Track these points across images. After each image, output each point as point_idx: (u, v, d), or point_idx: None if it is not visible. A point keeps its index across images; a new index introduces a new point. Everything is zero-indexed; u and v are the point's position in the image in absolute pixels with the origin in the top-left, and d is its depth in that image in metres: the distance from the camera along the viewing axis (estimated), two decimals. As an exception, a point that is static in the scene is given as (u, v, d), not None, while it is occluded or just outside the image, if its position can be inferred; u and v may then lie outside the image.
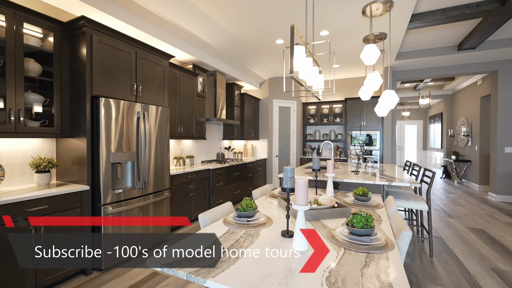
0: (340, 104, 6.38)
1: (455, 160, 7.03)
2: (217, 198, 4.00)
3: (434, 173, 2.65)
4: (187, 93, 3.76)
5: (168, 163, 2.96)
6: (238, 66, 5.10)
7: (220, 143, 5.22)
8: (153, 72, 2.88)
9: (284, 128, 6.35)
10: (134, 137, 2.51)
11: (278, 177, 2.95)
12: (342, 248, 1.24)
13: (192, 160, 4.16)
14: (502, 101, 5.04)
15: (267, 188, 2.65)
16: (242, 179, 4.83)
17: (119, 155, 2.37)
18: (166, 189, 2.93)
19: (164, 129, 2.89)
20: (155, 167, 2.78)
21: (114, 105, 2.33)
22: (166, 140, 2.94)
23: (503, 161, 5.02)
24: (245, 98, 5.53)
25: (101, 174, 2.24)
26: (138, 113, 2.54)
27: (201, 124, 4.14)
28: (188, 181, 3.45)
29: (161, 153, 2.86)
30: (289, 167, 1.39)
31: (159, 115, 2.81)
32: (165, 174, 2.92)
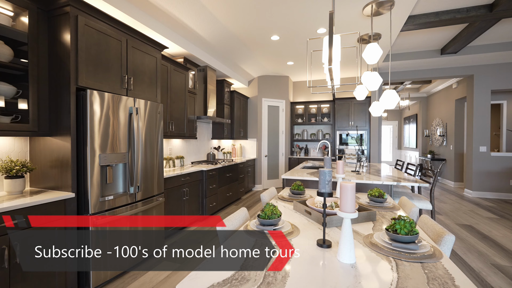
0: (327, 104, 6.42)
1: (431, 159, 7.43)
2: (210, 201, 3.76)
3: (437, 171, 2.68)
4: (179, 89, 3.48)
5: (162, 165, 2.69)
6: (229, 62, 4.88)
7: (209, 142, 4.96)
8: (145, 64, 2.58)
9: (273, 128, 6.24)
10: (126, 135, 2.22)
11: (283, 178, 2.82)
12: (391, 258, 1.12)
13: (182, 161, 3.88)
14: (477, 104, 5.38)
15: (274, 190, 2.50)
16: (233, 181, 4.62)
17: (110, 157, 2.07)
18: (160, 193, 2.65)
19: (157, 127, 2.61)
20: (149, 169, 2.49)
21: (103, 99, 2.02)
22: (160, 139, 2.66)
23: (478, 160, 5.37)
24: (235, 96, 5.33)
25: (88, 179, 1.92)
26: (130, 109, 2.25)
27: (192, 122, 3.87)
28: (181, 184, 3.18)
29: (155, 154, 2.57)
30: (326, 169, 1.25)
31: (152, 111, 2.52)
32: (159, 177, 2.64)
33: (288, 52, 4.58)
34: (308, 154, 6.68)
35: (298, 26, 3.56)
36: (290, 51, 4.51)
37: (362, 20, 3.41)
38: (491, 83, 5.27)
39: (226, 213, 4.11)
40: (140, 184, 2.34)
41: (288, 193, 2.36)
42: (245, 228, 1.47)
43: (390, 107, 3.05)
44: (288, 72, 5.97)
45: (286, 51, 4.53)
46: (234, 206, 4.57)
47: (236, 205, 4.64)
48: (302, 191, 2.27)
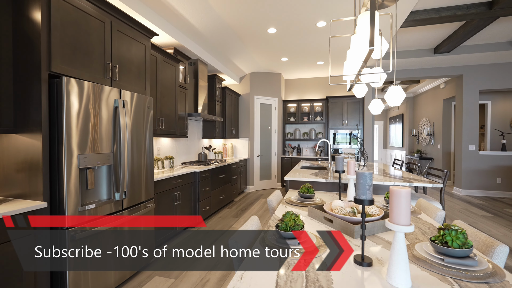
0: (320, 102, 6.30)
1: (419, 157, 7.55)
2: (203, 205, 3.47)
3: (446, 171, 2.58)
4: (169, 83, 3.16)
5: (151, 166, 2.37)
6: (221, 56, 4.60)
7: (200, 142, 4.65)
8: (132, 51, 2.26)
9: (265, 126, 6.02)
10: (110, 133, 1.89)
11: (286, 179, 2.60)
12: (450, 279, 0.92)
13: (171, 162, 3.55)
14: (466, 103, 5.47)
15: (279, 194, 2.28)
16: (226, 182, 4.35)
17: (91, 158, 1.74)
18: (149, 199, 2.34)
19: (146, 123, 2.29)
20: (137, 172, 2.17)
21: (82, 89, 1.69)
22: (149, 138, 2.34)
23: (467, 158, 5.46)
24: (227, 92, 5.05)
25: (65, 184, 1.59)
26: (115, 102, 1.93)
27: (183, 119, 3.55)
28: (173, 187, 2.87)
29: (144, 154, 2.26)
30: (366, 171, 1.04)
31: (140, 105, 2.21)
32: (149, 181, 2.33)
33: (283, 47, 4.38)
34: (300, 154, 6.53)
35: (297, 18, 3.36)
36: (286, 45, 4.30)
37: (364, 13, 3.26)
38: (479, 83, 5.37)
39: (220, 217, 3.84)
40: (127, 189, 2.02)
41: (296, 197, 2.14)
42: (261, 242, 1.23)
43: (396, 104, 2.92)
44: (281, 69, 5.77)
45: (281, 46, 4.32)
46: (228, 209, 4.30)
47: (230, 208, 4.37)
48: (312, 194, 2.06)
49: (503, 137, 5.73)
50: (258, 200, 4.87)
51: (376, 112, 3.78)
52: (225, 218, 3.80)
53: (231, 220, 3.67)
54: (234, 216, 3.89)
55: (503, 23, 3.92)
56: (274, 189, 5.92)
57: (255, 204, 4.61)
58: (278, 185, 6.16)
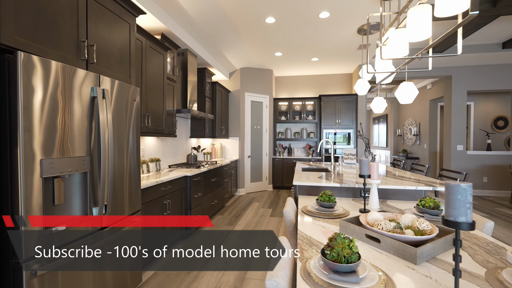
0: (312, 101, 6.10)
1: (405, 157, 7.64)
2: (195, 213, 3.07)
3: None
4: (156, 73, 2.73)
5: (138, 172, 1.95)
6: (212, 48, 4.20)
7: (187, 142, 4.22)
8: (113, 30, 1.82)
9: (256, 125, 5.69)
10: (86, 130, 1.46)
11: (295, 184, 2.29)
12: None
13: (158, 165, 3.11)
14: (455, 104, 5.54)
15: (293, 202, 1.97)
16: (218, 186, 3.97)
17: (60, 164, 1.31)
18: (136, 211, 1.92)
19: (132, 119, 1.87)
20: (121, 179, 1.75)
21: (48, 70, 1.26)
22: (135, 137, 1.92)
23: (456, 158, 5.53)
24: (217, 88, 4.66)
25: (21, 200, 1.15)
26: (93, 91, 1.50)
27: (171, 116, 3.13)
28: (162, 195, 2.45)
29: (129, 157, 1.83)
30: (464, 183, 0.75)
31: (124, 96, 1.78)
32: (135, 189, 1.90)
33: (280, 40, 4.08)
34: (291, 154, 6.29)
35: (298, 7, 3.07)
36: (283, 38, 4.01)
37: (368, 3, 3.05)
38: (467, 84, 5.46)
39: (213, 225, 3.45)
40: (108, 201, 1.60)
41: (314, 206, 1.84)
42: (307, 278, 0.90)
43: (408, 101, 2.73)
44: (273, 65, 5.48)
45: (278, 38, 4.02)
46: (220, 216, 3.91)
47: (222, 214, 3.99)
48: (334, 203, 1.77)
49: (488, 137, 5.89)
50: (251, 205, 4.54)
51: (379, 110, 3.61)
52: (219, 226, 3.42)
53: (226, 229, 3.31)
54: (228, 223, 3.53)
55: (499, 24, 3.93)
56: (265, 191, 5.62)
57: (249, 209, 4.27)
58: (269, 187, 5.87)
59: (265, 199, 4.94)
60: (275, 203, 4.67)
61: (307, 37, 3.99)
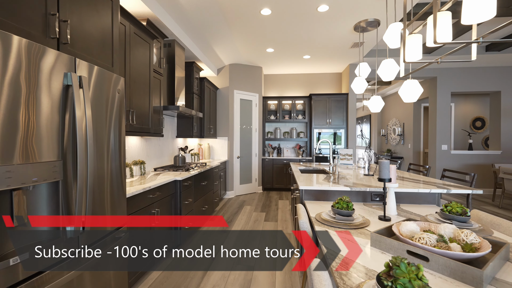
0: (302, 100, 5.96)
1: (390, 157, 7.79)
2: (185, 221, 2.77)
3: (474, 175, 2.36)
4: (141, 65, 2.39)
5: (123, 178, 1.64)
6: (201, 40, 3.89)
7: (174, 142, 3.88)
8: (93, 7, 1.50)
9: (245, 125, 5.44)
10: (57, 127, 1.14)
11: (301, 189, 2.09)
12: None
13: (142, 168, 2.77)
14: (440, 104, 5.67)
15: (304, 210, 1.76)
16: (209, 190, 3.67)
17: (21, 172, 0.98)
18: (121, 226, 1.60)
19: (116, 114, 1.55)
20: (103, 188, 1.43)
21: (8, 47, 0.93)
22: (120, 137, 1.60)
23: (440, 158, 5.66)
24: (205, 84, 4.35)
25: (-39, 225, 0.83)
26: (67, 77, 1.18)
27: (158, 113, 2.80)
28: (150, 203, 2.13)
29: (112, 160, 1.52)
30: None
31: (107, 86, 1.47)
32: (119, 200, 1.59)
33: (274, 34, 3.86)
34: (281, 154, 6.11)
35: None
36: (277, 32, 3.80)
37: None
38: (451, 86, 5.61)
39: (205, 233, 3.15)
40: (86, 214, 1.28)
41: (329, 214, 1.65)
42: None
43: (412, 99, 2.63)
44: (263, 62, 5.26)
45: (272, 32, 3.80)
46: (210, 221, 3.62)
47: (212, 220, 3.70)
48: (352, 211, 1.59)
49: (470, 137, 6.11)
50: (242, 209, 4.28)
51: (376, 110, 3.54)
52: (211, 234, 3.13)
53: (220, 238, 3.03)
54: (221, 230, 3.25)
55: (481, 27, 4.03)
56: (255, 194, 5.39)
57: (240, 214, 4.01)
58: (259, 189, 5.64)
59: (256, 202, 4.71)
60: (267, 206, 4.46)
61: (302, 33, 3.82)
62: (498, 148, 5.58)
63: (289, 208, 4.32)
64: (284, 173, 5.71)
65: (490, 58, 4.95)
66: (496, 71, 5.47)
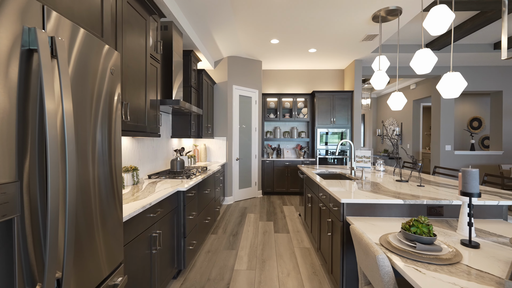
0: (303, 97, 5.59)
1: (388, 157, 7.64)
2: (190, 240, 2.27)
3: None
4: (136, 46, 1.88)
5: (120, 199, 1.14)
6: (201, 26, 3.39)
7: (169, 143, 3.35)
8: None
9: (245, 124, 4.99)
10: (14, 125, 0.65)
11: (343, 202, 1.66)
12: None
13: (135, 176, 2.24)
14: (444, 104, 5.53)
15: (365, 235, 1.35)
16: (211, 199, 3.18)
17: None
18: (117, 266, 1.11)
19: (107, 105, 1.06)
20: (89, 219, 0.93)
21: None
22: (115, 139, 1.11)
23: (444, 158, 5.52)
24: (203, 78, 3.84)
25: None
26: (29, 34, 0.68)
27: (155, 109, 2.28)
28: (150, 224, 1.63)
29: (103, 177, 1.02)
30: None
31: (96, 60, 0.97)
32: (115, 230, 1.09)
33: (282, 22, 3.44)
34: (281, 156, 5.71)
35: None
36: (286, 19, 3.37)
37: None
38: (455, 85, 5.47)
39: (209, 251, 2.66)
40: (65, 270, 0.78)
41: (402, 240, 1.25)
42: None
43: (455, 95, 2.31)
44: (264, 55, 4.83)
45: (280, 20, 3.37)
46: (213, 235, 3.14)
47: (215, 233, 3.22)
48: (435, 237, 1.20)
49: (472, 137, 6.04)
50: (245, 217, 3.83)
51: (398, 107, 3.22)
52: (217, 252, 2.66)
53: (228, 256, 2.56)
54: (228, 247, 2.78)
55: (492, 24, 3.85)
56: (255, 199, 4.95)
57: (245, 224, 3.56)
58: (259, 193, 5.21)
59: (259, 209, 4.27)
60: (273, 213, 4.04)
61: (313, 22, 3.42)
62: (499, 148, 5.53)
63: (297, 216, 3.93)
64: (286, 176, 5.31)
65: (496, 57, 4.83)
66: (498, 70, 5.40)
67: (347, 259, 1.73)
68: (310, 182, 2.91)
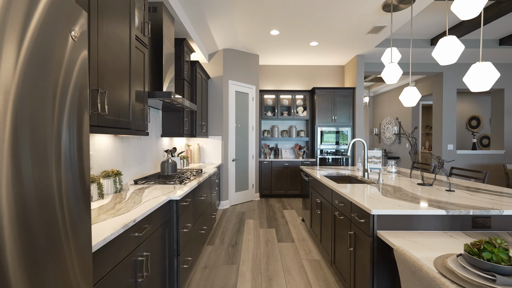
0: (302, 94, 5.31)
1: (386, 157, 7.48)
2: (185, 258, 1.92)
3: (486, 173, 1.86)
4: (118, 22, 1.51)
5: (89, 217, 0.79)
6: (195, 11, 3.03)
7: (158, 142, 2.97)
8: None
9: (241, 122, 4.65)
10: None
11: (374, 213, 1.34)
12: None
13: (118, 182, 1.87)
14: (446, 102, 5.37)
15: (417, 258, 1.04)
16: (206, 206, 2.83)
17: None
18: (82, 328, 0.76)
19: (70, 86, 0.71)
20: (53, 231, 0.59)
21: None
22: (81, 136, 0.76)
23: (447, 158, 5.36)
24: (197, 70, 3.48)
25: None
26: None
27: (141, 102, 1.92)
28: (135, 246, 1.28)
29: (65, 189, 0.67)
30: None
31: (58, 27, 0.62)
32: (83, 261, 0.74)
33: (284, 10, 3.12)
34: (279, 156, 5.41)
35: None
36: (288, 7, 3.06)
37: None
38: (457, 82, 5.32)
39: (206, 267, 2.32)
40: None
41: (470, 269, 0.95)
42: None
43: (485, 88, 2.06)
44: (261, 49, 4.51)
45: (282, 8, 3.06)
46: (210, 246, 2.79)
47: (212, 244, 2.87)
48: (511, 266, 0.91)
49: (474, 137, 5.92)
50: (244, 224, 3.50)
51: (411, 103, 2.97)
52: (215, 268, 2.32)
53: (228, 273, 2.23)
54: (228, 261, 2.45)
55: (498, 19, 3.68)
56: (252, 202, 4.62)
57: (244, 232, 3.23)
58: (256, 196, 4.88)
59: (257, 214, 3.95)
60: (273, 219, 3.72)
61: (317, 10, 3.13)
62: (500, 147, 5.42)
63: (300, 221, 3.63)
64: (285, 177, 5.01)
65: (501, 53, 4.69)
66: (500, 68, 5.29)
67: (378, 281, 1.44)
68: (319, 186, 2.61)
